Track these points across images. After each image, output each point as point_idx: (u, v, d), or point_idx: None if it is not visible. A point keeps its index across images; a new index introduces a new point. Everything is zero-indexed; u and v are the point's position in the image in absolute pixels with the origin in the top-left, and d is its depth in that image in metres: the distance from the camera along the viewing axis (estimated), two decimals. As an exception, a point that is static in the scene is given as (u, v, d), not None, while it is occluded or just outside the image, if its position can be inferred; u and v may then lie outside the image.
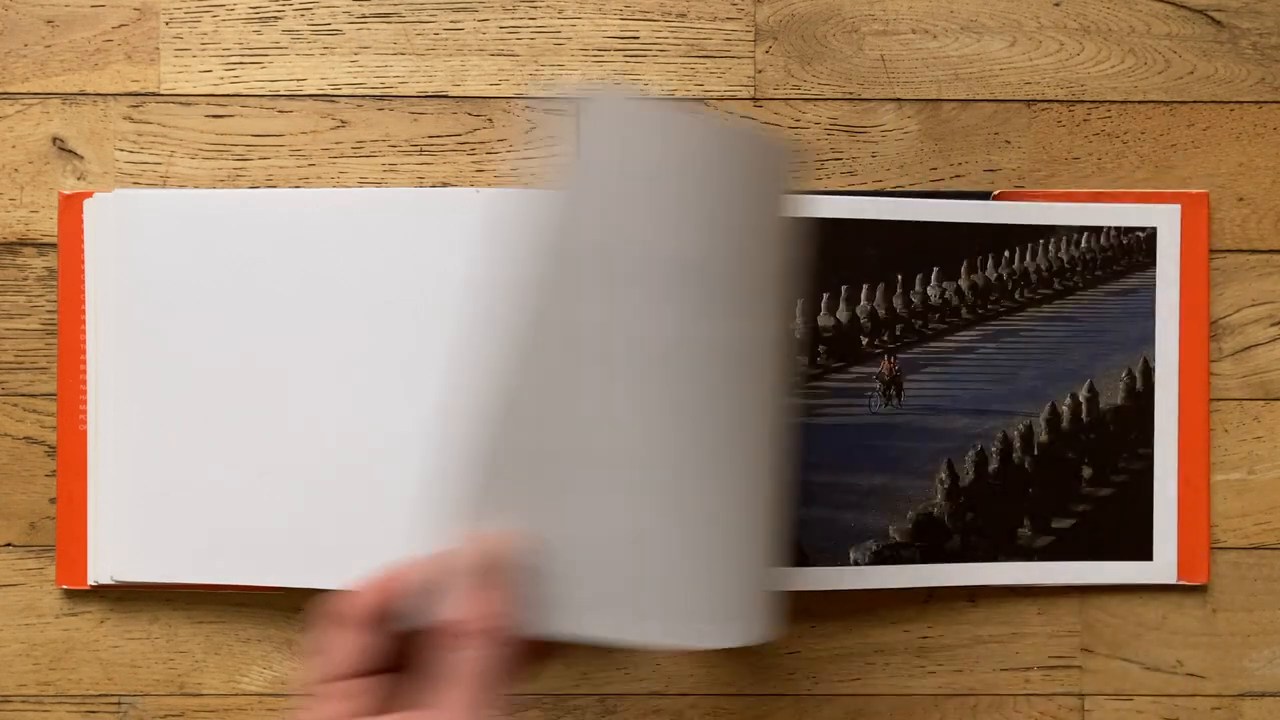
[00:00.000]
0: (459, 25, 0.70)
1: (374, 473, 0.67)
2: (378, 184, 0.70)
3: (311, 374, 0.68)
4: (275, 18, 0.70)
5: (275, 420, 0.68)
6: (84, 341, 0.69)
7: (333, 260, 0.68)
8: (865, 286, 0.69)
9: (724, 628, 0.53)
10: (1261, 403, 0.71)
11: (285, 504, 0.68)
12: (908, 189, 0.70)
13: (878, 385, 0.69)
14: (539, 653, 0.52)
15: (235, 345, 0.68)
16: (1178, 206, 0.70)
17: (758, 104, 0.71)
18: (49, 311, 0.70)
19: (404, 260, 0.67)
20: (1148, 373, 0.70)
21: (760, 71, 0.71)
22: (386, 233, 0.67)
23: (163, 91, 0.70)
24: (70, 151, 0.70)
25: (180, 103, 0.70)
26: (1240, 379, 0.71)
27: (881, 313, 0.69)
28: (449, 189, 0.70)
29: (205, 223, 0.68)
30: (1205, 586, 0.71)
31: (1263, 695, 0.71)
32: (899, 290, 0.69)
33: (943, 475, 0.69)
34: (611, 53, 0.71)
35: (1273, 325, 0.71)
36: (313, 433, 0.68)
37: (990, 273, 0.70)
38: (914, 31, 0.71)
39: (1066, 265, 0.70)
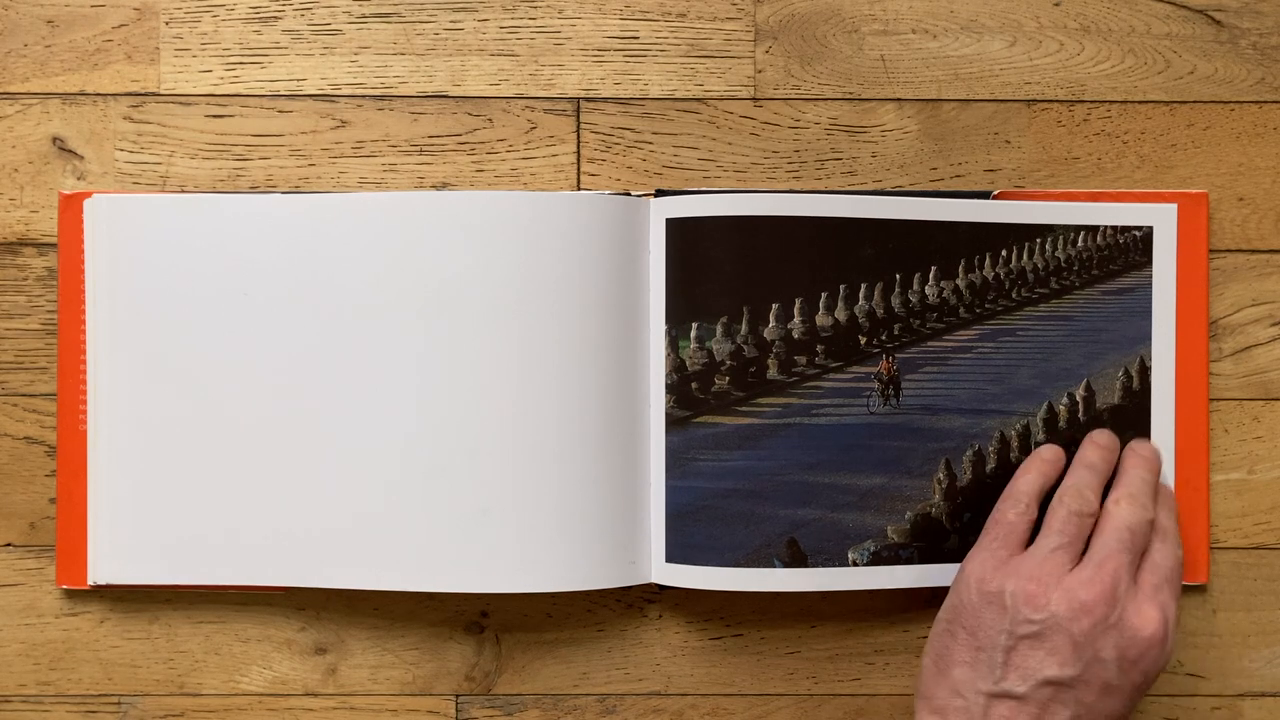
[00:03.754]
0: (459, 25, 0.72)
1: (375, 473, 0.69)
2: (377, 184, 0.72)
3: (311, 374, 0.69)
4: (275, 18, 0.72)
5: (275, 420, 0.69)
6: (84, 341, 0.70)
7: (332, 262, 0.69)
8: (864, 286, 0.71)
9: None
10: (1261, 403, 0.73)
11: (284, 504, 0.69)
12: (908, 189, 0.72)
13: (876, 385, 0.71)
14: None
15: (235, 345, 0.69)
16: (1174, 206, 0.71)
17: (758, 104, 0.73)
18: (49, 311, 0.72)
19: (401, 262, 0.69)
20: (1144, 372, 0.72)
21: (760, 71, 0.73)
22: (383, 236, 0.69)
23: (163, 91, 0.72)
24: (70, 151, 0.72)
25: (180, 103, 0.72)
26: (1240, 379, 0.72)
27: (880, 312, 0.71)
28: (444, 192, 0.72)
29: (204, 224, 0.70)
30: (1205, 586, 0.72)
31: (1263, 695, 0.73)
32: (897, 290, 0.71)
33: (940, 475, 0.70)
34: (611, 53, 0.73)
35: (1273, 325, 0.73)
36: (313, 433, 0.69)
37: (988, 272, 0.71)
38: (914, 31, 0.73)
39: (1063, 264, 0.72)
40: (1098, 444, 0.69)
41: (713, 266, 0.69)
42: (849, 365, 0.71)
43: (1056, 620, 0.61)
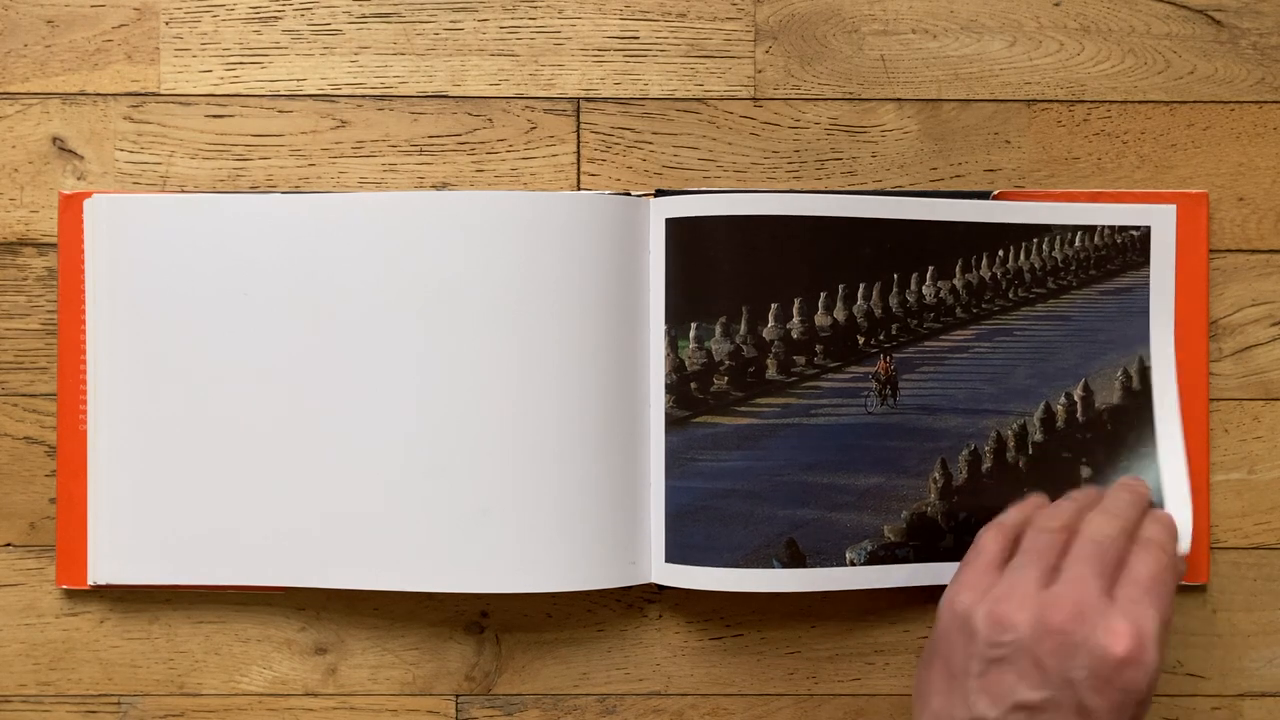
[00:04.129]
0: (459, 25, 0.73)
1: (375, 473, 0.69)
2: (378, 184, 0.72)
3: (311, 374, 0.70)
4: (275, 18, 0.73)
5: (275, 420, 0.70)
6: (84, 341, 0.71)
7: (332, 262, 0.70)
8: (862, 286, 0.71)
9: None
10: (1261, 403, 0.73)
11: (284, 504, 0.70)
12: (908, 189, 0.73)
13: (874, 385, 0.71)
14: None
15: (235, 346, 0.70)
16: (1173, 206, 0.72)
17: (758, 104, 0.73)
18: (49, 311, 0.72)
19: (401, 262, 0.69)
20: (1144, 372, 0.72)
21: (760, 71, 0.73)
22: (383, 236, 0.69)
23: (163, 91, 0.73)
24: (70, 151, 0.72)
25: (180, 103, 0.73)
26: (1240, 379, 0.73)
27: (878, 312, 0.71)
28: (444, 192, 0.72)
29: (204, 224, 0.70)
30: (1205, 586, 0.73)
31: (1263, 695, 0.73)
32: (895, 290, 0.71)
33: (936, 475, 0.71)
34: (611, 53, 0.73)
35: (1273, 325, 0.73)
36: (313, 433, 0.70)
37: (985, 272, 0.72)
38: (914, 31, 0.73)
39: (1060, 265, 0.72)
40: (1083, 490, 0.68)
41: (712, 266, 0.70)
42: (847, 365, 0.71)
43: (1022, 642, 0.59)
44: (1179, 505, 0.71)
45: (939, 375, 0.71)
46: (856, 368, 0.71)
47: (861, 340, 0.71)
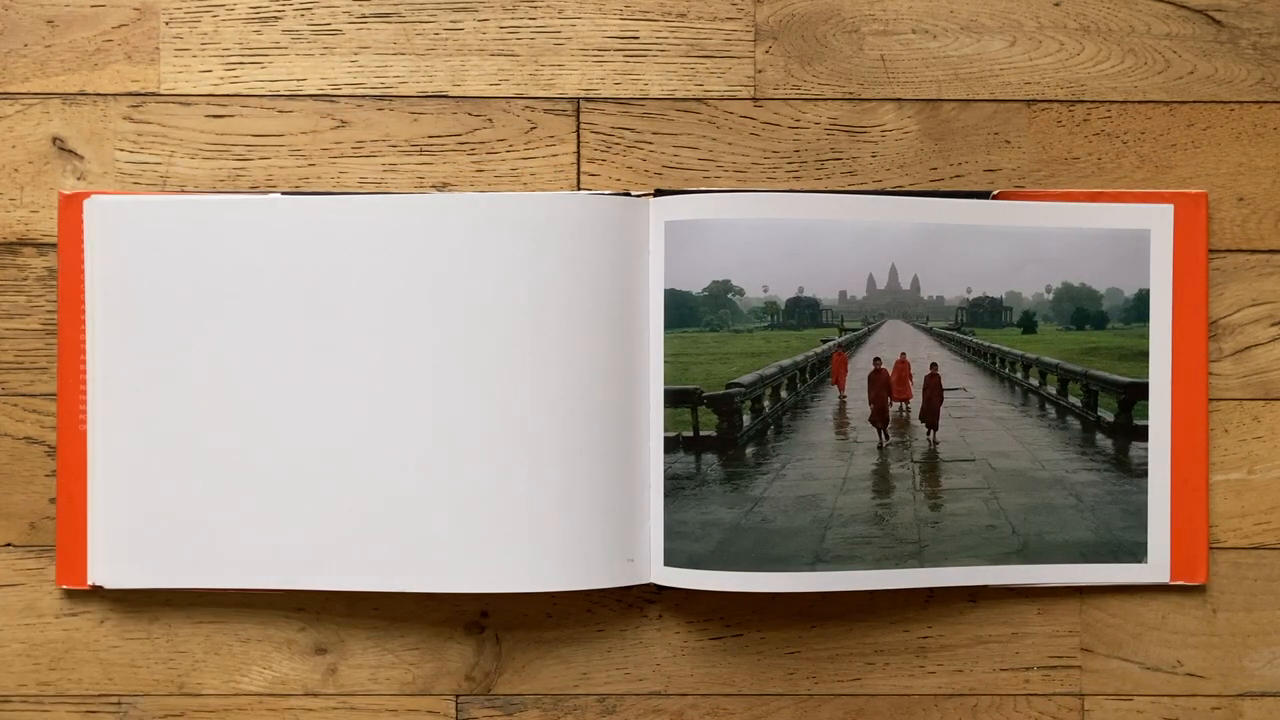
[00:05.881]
0: (459, 25, 0.73)
1: (375, 474, 0.70)
2: (378, 184, 0.73)
3: (311, 376, 0.70)
4: (275, 18, 0.73)
5: (274, 421, 0.70)
6: (84, 341, 0.71)
7: (332, 264, 0.70)
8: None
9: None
10: (1261, 403, 0.73)
11: (284, 505, 0.70)
12: (908, 189, 0.73)
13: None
14: None
15: (235, 346, 0.70)
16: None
17: (758, 104, 0.73)
18: (49, 311, 0.73)
19: (401, 264, 0.70)
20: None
21: (760, 71, 0.73)
22: (384, 237, 0.70)
23: (163, 91, 0.73)
24: (70, 151, 0.73)
25: (180, 103, 0.73)
26: (1240, 379, 0.73)
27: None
28: (444, 193, 0.72)
29: (204, 225, 0.71)
30: (1204, 586, 0.73)
31: (1263, 695, 0.73)
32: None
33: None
34: (611, 53, 0.73)
35: (1273, 325, 0.73)
36: (312, 434, 0.70)
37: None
38: (914, 31, 0.74)
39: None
40: None
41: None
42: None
43: None
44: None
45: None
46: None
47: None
